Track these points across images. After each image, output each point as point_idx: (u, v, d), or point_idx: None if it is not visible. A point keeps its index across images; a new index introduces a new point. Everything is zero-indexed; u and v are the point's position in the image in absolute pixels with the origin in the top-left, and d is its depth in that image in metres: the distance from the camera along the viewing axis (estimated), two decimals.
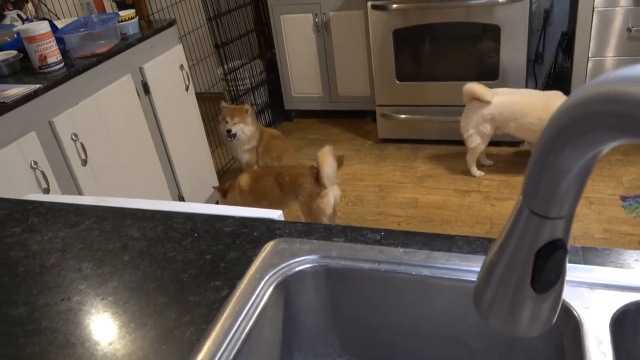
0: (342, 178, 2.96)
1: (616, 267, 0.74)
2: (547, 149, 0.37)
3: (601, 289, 0.71)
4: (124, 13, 2.35)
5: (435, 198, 2.73)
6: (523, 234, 0.41)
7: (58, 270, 0.89)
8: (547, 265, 0.42)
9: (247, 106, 2.83)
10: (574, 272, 0.73)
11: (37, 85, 1.90)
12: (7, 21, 2.58)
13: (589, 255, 0.77)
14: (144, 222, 0.99)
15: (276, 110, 3.80)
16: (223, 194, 2.49)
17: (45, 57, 2.03)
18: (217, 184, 2.86)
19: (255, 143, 2.87)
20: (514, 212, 0.42)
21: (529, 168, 0.39)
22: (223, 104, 2.90)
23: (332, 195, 2.27)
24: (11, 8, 2.63)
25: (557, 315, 0.45)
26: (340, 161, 2.31)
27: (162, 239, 0.93)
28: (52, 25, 2.17)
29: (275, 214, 0.98)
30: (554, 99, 2.60)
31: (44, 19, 2.54)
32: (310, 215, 2.28)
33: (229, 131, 2.79)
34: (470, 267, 0.77)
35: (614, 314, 0.67)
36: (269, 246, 0.86)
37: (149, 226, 0.97)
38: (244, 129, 2.81)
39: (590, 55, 2.81)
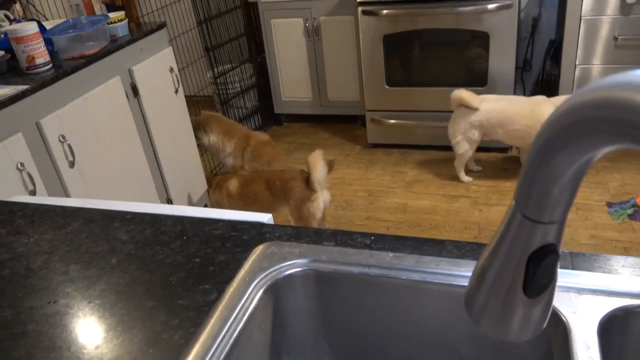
0: (331, 182, 2.96)
1: (603, 272, 0.75)
2: (541, 154, 0.37)
3: (589, 294, 0.71)
4: (113, 15, 2.34)
5: (423, 203, 2.74)
6: (515, 238, 0.41)
7: (44, 272, 0.88)
8: (539, 270, 0.42)
9: (201, 119, 2.82)
10: (562, 277, 0.74)
11: (25, 86, 1.88)
12: None
13: (577, 261, 0.77)
14: (132, 225, 0.98)
15: (266, 114, 3.80)
16: (209, 184, 2.52)
17: (33, 58, 2.01)
18: (205, 187, 2.84)
19: (230, 149, 2.85)
20: (506, 217, 0.42)
21: (522, 173, 0.39)
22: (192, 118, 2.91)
23: (322, 199, 2.27)
24: None
25: (547, 319, 0.45)
26: (330, 165, 2.31)
27: (151, 241, 0.92)
28: (41, 26, 2.15)
29: (265, 218, 0.98)
30: (539, 105, 2.63)
31: (32, 19, 2.52)
32: (301, 219, 2.28)
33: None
34: (460, 272, 0.77)
35: (602, 319, 0.67)
36: (258, 250, 0.85)
37: (137, 229, 0.96)
38: (203, 141, 2.83)
39: (577, 63, 2.84)
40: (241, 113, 3.63)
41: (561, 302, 0.70)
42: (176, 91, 2.58)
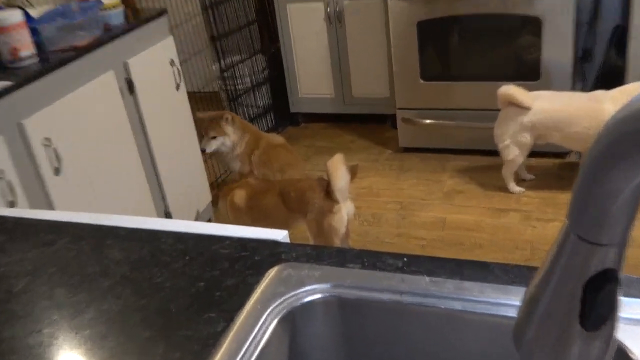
0: (356, 192, 2.95)
1: None
2: (595, 168, 0.37)
3: None
4: (107, 1, 2.38)
5: (465, 218, 2.73)
6: (570, 262, 0.41)
7: (27, 297, 0.90)
8: (598, 299, 0.42)
9: (226, 114, 2.84)
10: (629, 306, 0.73)
11: (7, 83, 1.93)
12: None
13: None
14: (127, 242, 0.99)
15: (280, 113, 3.82)
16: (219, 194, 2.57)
17: (17, 50, 2.06)
18: (210, 198, 2.87)
19: (244, 147, 2.86)
20: (559, 238, 0.42)
21: (575, 188, 0.40)
22: (198, 114, 2.90)
23: (344, 212, 2.27)
24: None
25: (609, 356, 0.45)
26: (353, 172, 2.32)
27: (148, 262, 0.93)
28: (26, 15, 2.20)
29: (280, 235, 0.99)
30: (601, 102, 2.59)
31: (16, 6, 2.57)
32: (320, 237, 2.28)
33: (203, 150, 2.81)
34: (508, 300, 0.77)
35: None
36: (272, 272, 0.86)
37: (133, 247, 0.98)
38: (225, 142, 2.83)
39: None
40: (252, 112, 3.66)
41: (628, 336, 0.69)
42: (177, 87, 2.62)
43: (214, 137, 2.82)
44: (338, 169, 2.20)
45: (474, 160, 3.18)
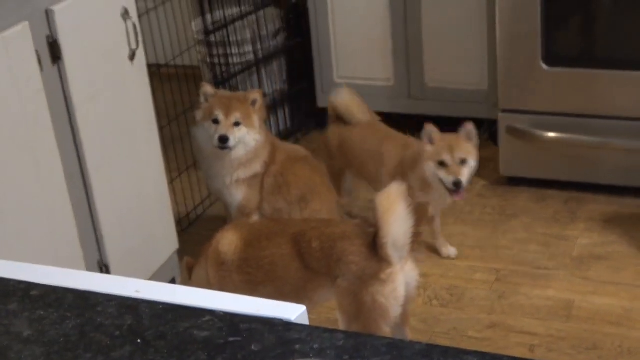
0: (423, 249, 2.95)
1: None
2: None
3: None
4: None
5: (606, 303, 2.70)
6: None
7: None
8: None
9: (255, 93, 2.88)
10: None
11: None
12: None
13: None
14: (41, 309, 1.00)
15: (300, 108, 3.83)
16: (190, 272, 2.52)
17: None
18: (176, 244, 2.87)
19: (261, 167, 2.86)
20: None
21: None
22: (207, 88, 2.92)
23: (402, 279, 2.27)
24: None
25: None
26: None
27: (75, 343, 0.94)
28: None
29: (294, 312, 0.99)
30: None
31: None
32: (359, 318, 2.27)
33: (224, 138, 2.82)
34: None
35: None
36: None
37: (50, 317, 0.98)
38: (247, 135, 2.85)
39: None
40: None
41: None
42: (132, 55, 2.64)
43: (238, 124, 2.85)
44: (394, 208, 2.20)
45: (626, 204, 3.16)
